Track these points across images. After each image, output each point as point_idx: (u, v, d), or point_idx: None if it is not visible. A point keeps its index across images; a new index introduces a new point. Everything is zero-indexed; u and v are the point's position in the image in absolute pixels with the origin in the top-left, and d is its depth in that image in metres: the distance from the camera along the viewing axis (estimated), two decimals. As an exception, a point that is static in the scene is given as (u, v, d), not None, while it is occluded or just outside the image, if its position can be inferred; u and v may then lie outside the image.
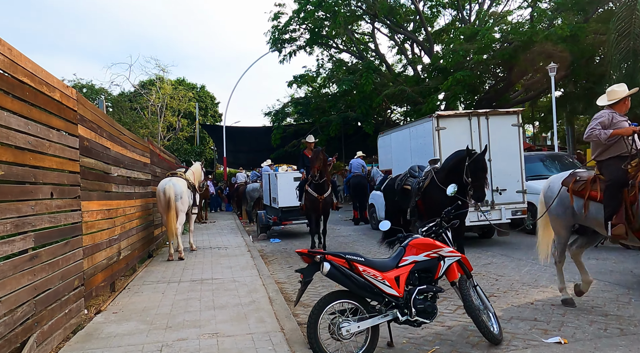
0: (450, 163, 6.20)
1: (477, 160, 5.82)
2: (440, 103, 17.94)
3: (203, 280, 6.34)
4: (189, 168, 9.40)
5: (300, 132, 26.10)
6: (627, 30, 13.53)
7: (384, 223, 4.25)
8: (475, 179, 5.78)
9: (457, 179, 5.82)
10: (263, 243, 11.00)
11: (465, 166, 5.85)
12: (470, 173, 5.79)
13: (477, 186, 5.79)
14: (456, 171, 5.99)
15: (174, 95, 30.86)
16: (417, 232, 4.17)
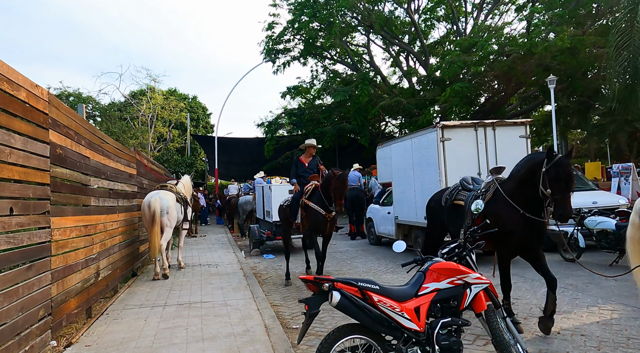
0: (521, 170, 4.67)
1: (559, 165, 4.23)
2: (437, 115, 17.59)
3: (191, 304, 5.74)
4: (179, 181, 8.83)
5: (294, 143, 25.62)
6: (626, 43, 13.33)
7: (398, 244, 3.73)
8: (556, 191, 4.22)
9: (531, 191, 4.47)
10: (256, 260, 10.41)
11: (542, 173, 4.32)
12: (549, 183, 4.27)
13: (560, 201, 4.19)
14: (530, 180, 4.51)
15: (165, 105, 30.32)
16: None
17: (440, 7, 23.61)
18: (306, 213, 7.13)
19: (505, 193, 4.71)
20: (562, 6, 16.96)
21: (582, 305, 5.45)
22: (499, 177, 5.12)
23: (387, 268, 8.67)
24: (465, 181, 5.71)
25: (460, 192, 5.62)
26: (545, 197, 4.33)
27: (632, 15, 13.81)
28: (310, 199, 7.08)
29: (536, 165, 4.42)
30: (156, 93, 30.64)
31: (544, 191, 4.32)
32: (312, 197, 7.09)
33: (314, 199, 7.04)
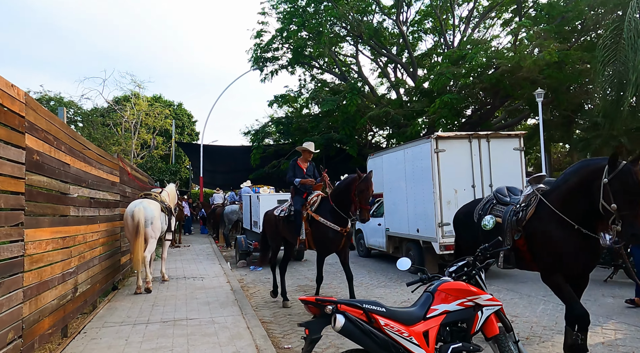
0: (572, 180, 3.88)
1: (626, 174, 3.43)
2: (425, 126, 17.57)
3: (176, 321, 5.40)
4: (164, 189, 8.46)
5: (281, 152, 25.37)
6: (612, 59, 13.52)
7: (403, 262, 3.50)
8: (624, 206, 3.39)
9: (585, 205, 3.70)
10: (242, 272, 10.06)
11: (603, 184, 3.50)
12: (614, 196, 3.44)
13: (630, 218, 3.38)
14: (584, 192, 3.70)
15: (150, 112, 29.80)
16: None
17: (427, 20, 23.84)
18: (313, 230, 6.06)
19: (554, 205, 3.90)
20: (548, 22, 17.22)
21: (584, 324, 5.27)
22: (540, 187, 4.23)
23: (378, 282, 8.44)
24: (500, 192, 4.71)
25: (496, 206, 4.58)
26: (608, 213, 3.49)
27: (617, 32, 14.05)
28: (318, 212, 6.01)
29: (593, 173, 3.65)
30: (140, 99, 30.13)
31: (606, 206, 3.48)
32: (320, 210, 6.03)
33: (323, 212, 5.97)
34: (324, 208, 6.09)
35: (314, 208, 6.17)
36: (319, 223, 5.99)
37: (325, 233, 5.95)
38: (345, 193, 5.82)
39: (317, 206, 6.14)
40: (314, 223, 6.05)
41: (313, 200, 6.29)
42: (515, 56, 15.67)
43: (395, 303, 6.60)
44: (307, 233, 6.14)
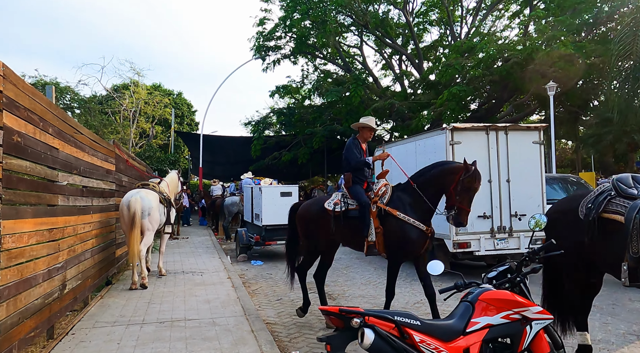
0: None
1: None
2: (431, 119, 17.10)
3: (173, 322, 4.97)
4: (163, 179, 7.98)
5: (282, 144, 24.89)
6: (628, 52, 13.04)
7: (434, 265, 3.06)
8: None
9: None
10: (243, 266, 9.64)
11: None
12: None
13: None
14: None
15: (149, 100, 29.24)
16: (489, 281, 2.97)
17: (433, 12, 23.26)
18: (387, 229, 4.75)
19: None
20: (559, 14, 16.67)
21: (617, 333, 4.87)
22: None
23: (383, 279, 8.00)
24: (623, 182, 3.57)
25: (615, 200, 3.51)
26: None
27: (635, 23, 13.56)
28: (394, 206, 4.75)
29: None
30: (140, 87, 29.55)
31: None
32: (395, 203, 4.78)
33: (401, 206, 4.74)
34: (399, 200, 4.80)
35: (385, 200, 4.84)
36: (397, 220, 4.68)
37: (405, 233, 4.65)
38: (441, 184, 4.64)
39: (390, 198, 4.84)
40: (388, 220, 4.73)
41: (381, 191, 4.94)
42: (527, 47, 15.15)
43: (407, 305, 6.19)
44: (377, 233, 4.79)
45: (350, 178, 5.06)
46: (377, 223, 4.80)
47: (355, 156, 5.07)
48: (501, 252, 7.74)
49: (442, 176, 4.66)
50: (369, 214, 4.80)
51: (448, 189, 4.57)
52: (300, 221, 5.49)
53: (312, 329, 5.15)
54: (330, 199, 5.17)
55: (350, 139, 5.26)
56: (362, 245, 4.92)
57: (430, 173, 4.80)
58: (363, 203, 4.85)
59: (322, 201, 5.31)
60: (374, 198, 4.89)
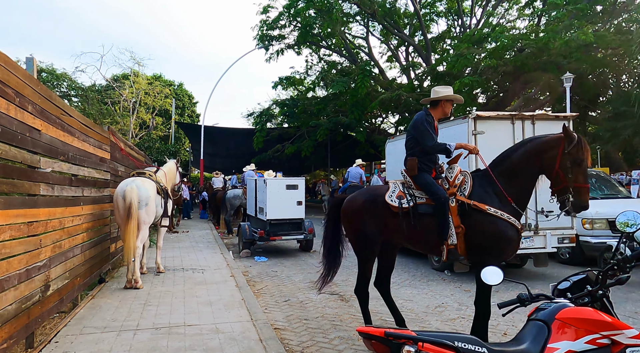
0: None
1: None
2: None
3: (171, 328, 4.41)
4: (159, 168, 7.40)
5: (285, 136, 24.34)
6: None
7: (491, 272, 2.48)
8: None
9: None
10: (247, 262, 9.10)
11: None
12: None
13: None
14: None
15: (149, 91, 28.64)
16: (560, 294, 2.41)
17: (441, 2, 22.58)
18: (471, 228, 3.78)
19: None
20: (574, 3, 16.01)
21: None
22: None
23: (401, 279, 7.47)
24: None
25: None
26: None
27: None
28: (480, 199, 3.78)
29: None
30: (140, 77, 28.93)
31: None
32: (479, 196, 3.81)
33: (490, 198, 3.77)
34: (484, 191, 3.82)
35: (467, 191, 3.86)
36: (487, 217, 3.71)
37: (501, 233, 3.69)
38: (537, 166, 3.67)
39: (471, 191, 3.84)
40: (473, 217, 3.77)
41: (458, 180, 3.93)
42: (544, 36, 14.50)
43: (428, 309, 5.63)
44: (458, 233, 3.81)
45: (415, 165, 4.04)
46: (457, 220, 3.81)
47: (432, 137, 4.05)
48: (525, 251, 7.19)
49: (536, 155, 3.66)
50: (447, 210, 3.82)
51: (551, 169, 3.59)
52: (351, 219, 4.26)
53: (326, 336, 4.60)
54: (391, 191, 4.10)
55: (420, 114, 4.17)
56: (437, 248, 3.94)
57: (517, 155, 3.78)
58: (440, 196, 3.82)
59: (377, 193, 4.21)
60: (450, 189, 3.90)
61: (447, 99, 4.19)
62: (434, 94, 4.19)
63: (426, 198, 3.96)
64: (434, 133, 4.10)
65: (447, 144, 4.06)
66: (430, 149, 4.07)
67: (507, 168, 3.80)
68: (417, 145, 4.14)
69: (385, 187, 4.26)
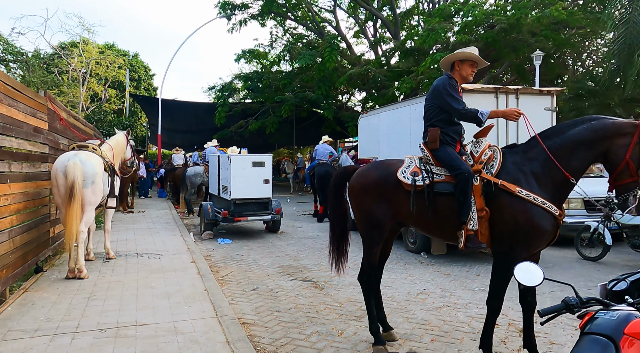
0: None
1: None
2: (412, 87, 16.05)
3: (120, 329, 3.72)
4: (104, 141, 6.47)
5: (249, 112, 23.32)
6: (625, 18, 12.31)
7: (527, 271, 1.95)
8: None
9: None
10: (209, 245, 8.40)
11: None
12: None
13: None
14: None
15: (101, 61, 26.67)
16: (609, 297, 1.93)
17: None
18: (500, 211, 3.17)
19: None
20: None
21: None
22: None
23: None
24: None
25: None
26: None
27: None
28: (510, 179, 3.15)
29: None
30: (90, 46, 26.85)
31: None
32: (510, 174, 3.18)
33: (524, 178, 3.16)
34: (518, 169, 3.20)
35: (495, 169, 3.22)
36: (517, 201, 3.10)
37: (531, 220, 3.08)
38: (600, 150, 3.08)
39: (501, 167, 3.23)
40: (500, 200, 3.17)
41: (485, 155, 3.32)
42: (516, 12, 14.21)
43: (410, 296, 5.19)
44: (481, 217, 3.21)
45: (437, 136, 3.43)
46: (481, 203, 3.20)
47: (459, 100, 3.44)
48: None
49: (602, 138, 3.05)
50: (470, 190, 3.22)
51: (618, 159, 3.00)
52: (360, 196, 3.69)
53: (302, 332, 4.06)
54: (404, 167, 3.52)
55: (442, 78, 3.58)
56: (453, 234, 3.36)
57: (575, 132, 3.13)
58: (463, 171, 3.24)
59: (391, 168, 3.62)
60: (475, 165, 3.33)
61: (466, 60, 3.54)
62: (458, 53, 3.59)
63: (446, 174, 3.39)
64: (459, 95, 3.48)
65: (480, 111, 3.43)
66: (459, 116, 3.46)
67: (558, 146, 3.15)
68: (439, 113, 3.51)
69: (399, 162, 3.69)
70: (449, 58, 3.60)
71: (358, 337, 3.93)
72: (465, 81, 3.63)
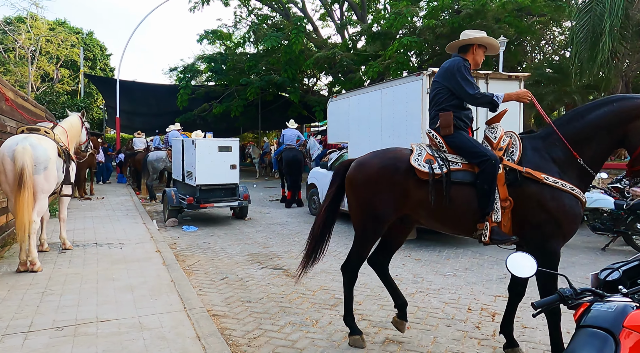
0: None
1: None
2: (380, 71, 15.99)
3: (79, 326, 3.46)
4: (57, 124, 5.98)
5: (213, 95, 22.65)
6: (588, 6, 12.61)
7: (519, 261, 1.88)
8: None
9: None
10: (174, 233, 8.10)
11: None
12: None
13: None
14: None
15: (51, 38, 25.08)
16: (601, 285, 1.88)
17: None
18: (527, 201, 2.98)
19: None
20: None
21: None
22: None
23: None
24: None
25: None
26: None
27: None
28: (534, 165, 2.99)
29: None
30: (39, 21, 25.17)
31: None
32: (533, 161, 3.02)
33: (547, 165, 3.00)
34: (539, 156, 3.04)
35: (516, 157, 3.05)
36: (545, 188, 2.93)
37: (563, 209, 2.92)
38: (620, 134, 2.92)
39: (521, 155, 3.05)
40: (526, 188, 2.98)
41: (504, 141, 3.15)
42: (482, -3, 14.34)
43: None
44: (504, 208, 3.02)
45: (451, 121, 3.19)
46: (504, 192, 3.00)
47: (474, 84, 3.22)
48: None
49: (626, 120, 2.88)
50: (495, 180, 2.98)
51: (637, 142, 2.82)
52: (360, 188, 3.37)
53: (275, 323, 3.93)
54: (417, 154, 3.19)
55: (456, 59, 3.32)
56: (470, 227, 3.14)
57: (596, 115, 2.96)
58: (490, 159, 2.97)
59: (398, 156, 3.29)
60: (495, 152, 3.11)
61: (479, 44, 3.35)
62: (464, 37, 3.38)
63: (463, 163, 3.16)
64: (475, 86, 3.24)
65: (494, 95, 3.21)
66: (473, 101, 3.24)
67: (577, 131, 2.97)
68: (451, 97, 3.28)
69: (404, 150, 3.38)
70: (466, 41, 3.35)
71: (333, 327, 3.84)
72: (476, 67, 3.43)
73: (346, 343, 3.52)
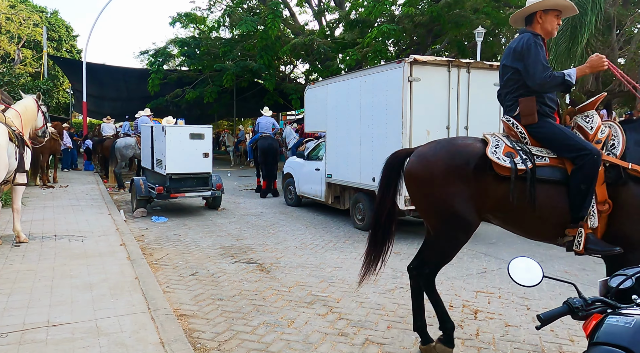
0: None
1: None
2: (358, 59, 15.72)
3: (26, 332, 3.10)
4: (9, 106, 5.47)
5: (185, 80, 21.94)
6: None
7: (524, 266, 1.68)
8: None
9: None
10: (142, 224, 7.69)
11: None
12: None
13: None
14: None
15: (11, 15, 23.68)
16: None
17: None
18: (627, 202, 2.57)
19: None
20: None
21: None
22: None
23: (324, 241, 6.72)
24: None
25: None
26: None
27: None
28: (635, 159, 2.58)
29: None
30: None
31: None
32: (633, 156, 2.60)
33: None
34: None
35: (619, 152, 2.59)
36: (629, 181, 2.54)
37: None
38: None
39: (625, 150, 2.61)
40: (630, 189, 2.54)
41: (603, 133, 2.67)
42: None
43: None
44: (601, 212, 2.59)
45: (534, 107, 2.73)
46: (603, 193, 2.56)
47: (544, 65, 2.69)
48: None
49: None
50: (595, 179, 2.53)
51: None
52: (430, 186, 2.87)
53: (248, 323, 3.67)
54: (493, 146, 2.72)
55: (526, 36, 2.80)
56: (557, 232, 2.71)
57: None
58: (591, 153, 2.54)
59: (468, 148, 2.83)
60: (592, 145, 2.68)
61: (551, 9, 2.80)
62: (531, 3, 2.83)
63: (550, 157, 2.70)
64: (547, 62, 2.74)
65: (565, 73, 2.68)
66: (542, 85, 2.69)
67: None
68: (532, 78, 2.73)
69: (473, 140, 2.93)
70: (527, 9, 2.85)
71: (310, 327, 3.61)
72: (550, 36, 2.92)
73: (324, 345, 3.30)
